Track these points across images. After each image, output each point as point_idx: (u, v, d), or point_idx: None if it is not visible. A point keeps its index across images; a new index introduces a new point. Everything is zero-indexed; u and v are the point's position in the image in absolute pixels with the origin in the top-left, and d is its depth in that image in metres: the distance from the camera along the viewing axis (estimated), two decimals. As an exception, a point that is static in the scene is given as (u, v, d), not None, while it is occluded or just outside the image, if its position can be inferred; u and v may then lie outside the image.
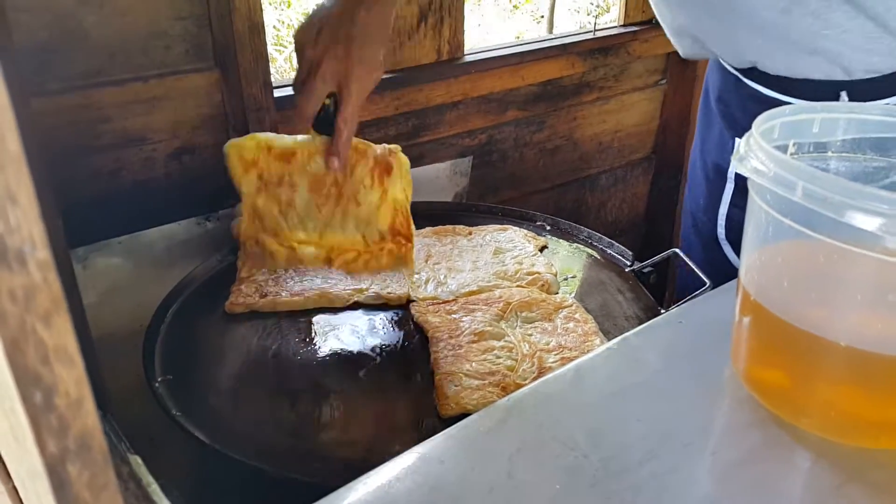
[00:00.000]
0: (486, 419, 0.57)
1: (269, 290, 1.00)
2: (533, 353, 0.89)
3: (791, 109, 0.58)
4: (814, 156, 0.61)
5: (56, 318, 0.22)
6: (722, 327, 0.63)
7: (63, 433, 0.23)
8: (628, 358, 0.63)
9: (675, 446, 0.53)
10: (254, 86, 1.16)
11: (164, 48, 1.11)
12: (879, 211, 0.45)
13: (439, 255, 1.12)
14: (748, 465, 0.53)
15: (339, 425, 0.80)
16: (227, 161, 0.88)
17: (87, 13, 1.03)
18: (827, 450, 0.54)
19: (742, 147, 0.53)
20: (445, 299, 1.02)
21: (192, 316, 0.99)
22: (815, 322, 0.52)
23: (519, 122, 1.66)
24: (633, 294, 1.04)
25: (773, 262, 0.55)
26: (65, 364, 0.23)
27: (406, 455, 0.54)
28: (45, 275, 0.21)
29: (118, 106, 1.09)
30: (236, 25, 1.11)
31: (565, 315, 0.97)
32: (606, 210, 1.99)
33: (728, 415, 0.58)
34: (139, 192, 1.16)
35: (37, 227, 0.21)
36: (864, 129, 0.61)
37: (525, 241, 1.16)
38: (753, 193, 0.54)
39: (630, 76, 1.82)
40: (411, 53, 1.39)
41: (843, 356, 0.52)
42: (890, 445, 0.55)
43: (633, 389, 0.59)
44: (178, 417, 0.79)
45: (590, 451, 0.53)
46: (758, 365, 0.58)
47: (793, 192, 0.47)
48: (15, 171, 0.20)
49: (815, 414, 0.55)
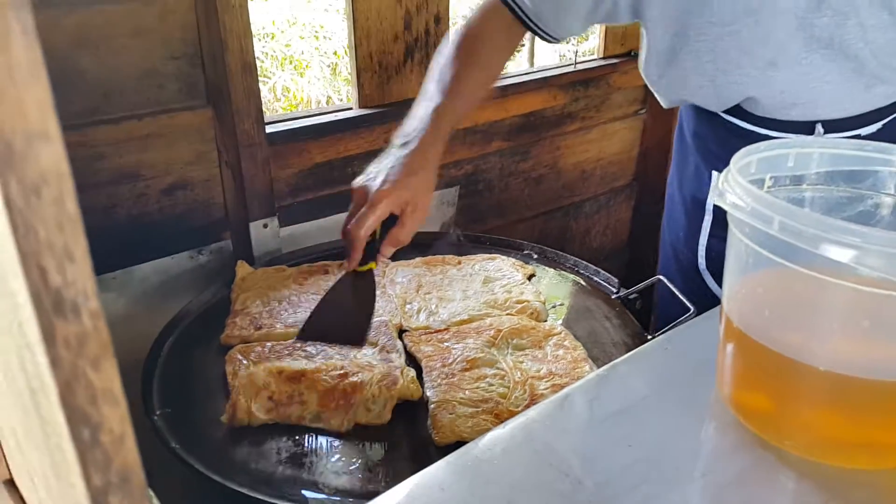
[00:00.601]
0: (484, 446, 0.59)
1: (263, 322, 1.02)
2: (524, 380, 0.91)
3: (766, 145, 0.62)
4: (790, 188, 0.64)
5: (104, 362, 0.24)
6: (707, 353, 0.66)
7: (107, 467, 0.25)
8: (617, 384, 0.66)
9: (666, 470, 0.56)
10: (246, 122, 1.19)
11: (158, 87, 1.13)
12: (852, 243, 0.48)
13: (430, 284, 1.14)
14: (736, 487, 0.56)
15: (336, 454, 0.81)
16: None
17: (82, 55, 1.05)
18: (810, 470, 0.57)
19: (721, 182, 0.56)
20: (437, 328, 1.04)
21: (188, 349, 1.00)
22: (795, 348, 0.55)
23: (504, 153, 1.70)
24: (620, 320, 1.07)
25: (753, 292, 0.57)
26: (110, 404, 0.25)
27: (406, 483, 0.56)
28: (96, 323, 0.23)
29: (113, 144, 1.11)
30: (229, 64, 1.14)
31: (555, 342, 1.00)
32: (591, 236, 2.03)
33: (715, 438, 0.60)
34: (133, 227, 1.17)
35: (90, 282, 0.23)
36: (836, 162, 0.64)
37: (513, 269, 1.19)
38: (733, 226, 0.57)
39: (611, 106, 1.87)
40: (399, 88, 1.42)
41: (822, 380, 0.54)
42: (869, 465, 0.58)
43: (624, 415, 0.61)
44: (176, 450, 0.80)
45: (584, 476, 0.55)
46: (742, 390, 0.60)
47: (770, 226, 0.50)
48: (72, 231, 0.22)
49: (798, 436, 0.58)
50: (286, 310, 1.05)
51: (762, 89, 0.94)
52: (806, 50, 0.89)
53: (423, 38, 1.42)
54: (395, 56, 1.40)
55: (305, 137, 1.30)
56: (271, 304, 1.06)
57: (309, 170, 1.34)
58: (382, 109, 1.40)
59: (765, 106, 0.97)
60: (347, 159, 1.39)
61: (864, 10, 0.85)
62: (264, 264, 1.20)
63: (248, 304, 1.06)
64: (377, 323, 1.02)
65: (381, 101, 1.41)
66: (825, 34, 0.87)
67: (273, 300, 1.07)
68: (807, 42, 0.88)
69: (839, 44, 0.88)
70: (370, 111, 1.38)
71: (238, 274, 1.13)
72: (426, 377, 0.92)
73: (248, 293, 1.08)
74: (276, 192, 1.29)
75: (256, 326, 1.01)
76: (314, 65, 4.10)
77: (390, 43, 1.38)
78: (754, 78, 0.93)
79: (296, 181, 1.34)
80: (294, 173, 1.33)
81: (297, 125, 1.29)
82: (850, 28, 0.86)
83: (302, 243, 1.30)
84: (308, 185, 1.35)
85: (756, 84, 0.94)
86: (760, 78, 0.93)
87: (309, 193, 1.36)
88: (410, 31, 1.40)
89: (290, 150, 1.29)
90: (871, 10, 0.85)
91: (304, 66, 4.11)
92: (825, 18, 0.86)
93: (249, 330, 1.00)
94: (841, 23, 0.86)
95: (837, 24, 0.86)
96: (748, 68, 0.92)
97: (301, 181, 1.34)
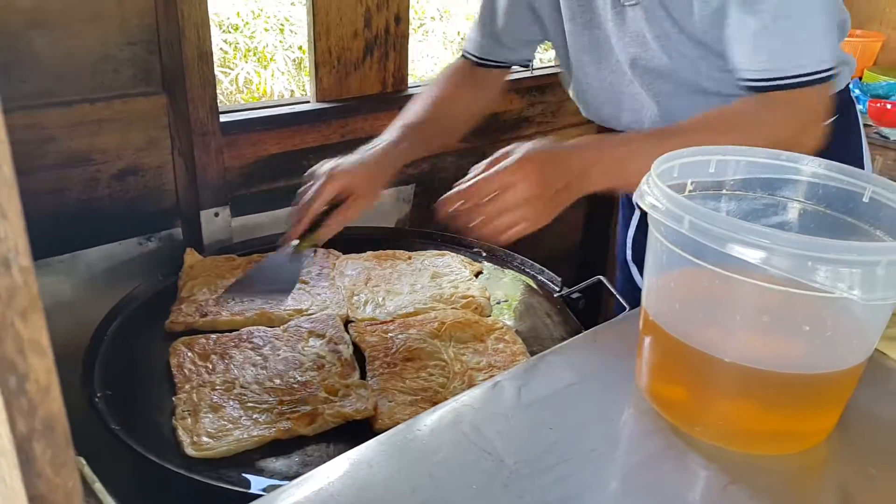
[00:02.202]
0: (414, 427, 0.62)
1: (209, 309, 1.03)
2: (464, 371, 0.95)
3: (689, 151, 0.66)
4: (710, 194, 0.69)
5: (32, 314, 0.26)
6: (631, 346, 0.70)
7: (32, 415, 0.27)
8: (545, 372, 0.69)
9: (583, 451, 0.59)
10: (201, 110, 1.19)
11: (113, 72, 1.14)
12: (760, 244, 0.52)
13: (378, 278, 1.17)
14: (647, 468, 0.59)
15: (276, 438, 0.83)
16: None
17: (37, 35, 1.05)
18: (717, 455, 0.61)
19: (643, 184, 0.60)
20: (383, 320, 1.06)
21: (132, 334, 1.01)
22: (703, 341, 0.59)
23: (460, 154, 1.73)
24: (561, 318, 1.11)
25: (667, 287, 0.61)
26: (37, 354, 0.27)
27: (337, 460, 0.58)
28: (26, 278, 0.26)
29: (65, 127, 1.11)
30: (185, 52, 1.15)
31: (496, 336, 1.03)
32: (543, 238, 2.06)
33: (630, 424, 0.64)
34: (82, 211, 1.17)
35: (21, 239, 0.25)
36: (753, 169, 0.69)
37: (461, 266, 1.22)
38: (651, 226, 0.60)
39: (566, 113, 1.92)
40: (357, 84, 1.45)
41: (728, 372, 0.59)
42: (771, 451, 0.62)
43: (548, 401, 0.65)
44: (116, 431, 0.81)
45: (505, 455, 0.58)
46: (657, 380, 0.64)
47: (681, 225, 0.53)
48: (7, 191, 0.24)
49: (707, 423, 0.62)
50: (233, 298, 1.06)
51: (634, 106, 1.02)
52: (634, 72, 0.97)
53: (382, 36, 1.45)
54: (354, 52, 1.42)
55: (261, 128, 1.31)
56: (218, 292, 1.07)
57: (264, 161, 1.36)
58: (340, 104, 1.42)
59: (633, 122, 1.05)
60: (303, 152, 1.41)
61: (650, 38, 0.92)
62: (214, 253, 1.21)
63: (195, 292, 1.07)
64: (324, 316, 1.04)
65: (338, 95, 1.43)
66: (662, 67, 0.95)
67: (220, 288, 1.08)
68: (632, 64, 0.96)
69: (677, 78, 0.95)
70: (327, 105, 1.40)
71: (186, 262, 1.14)
72: (369, 367, 0.95)
73: (195, 281, 1.09)
74: (230, 181, 1.30)
75: (202, 314, 1.02)
76: (278, 58, 4.08)
77: (349, 39, 1.40)
78: (626, 95, 1.01)
79: (250, 171, 1.35)
80: (248, 164, 1.34)
81: (252, 115, 1.31)
82: (652, 53, 0.93)
83: (255, 234, 1.32)
84: (262, 176, 1.37)
85: (629, 100, 1.02)
86: (630, 98, 1.01)
87: (263, 184, 1.37)
88: (370, 28, 1.43)
89: (244, 141, 1.30)
90: (656, 39, 0.92)
91: (268, 59, 4.09)
92: (632, 49, 0.94)
93: (195, 317, 1.01)
94: (669, 61, 0.93)
95: (638, 48, 0.94)
96: (619, 84, 1.01)
97: (255, 172, 1.36)
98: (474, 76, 1.15)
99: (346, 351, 0.96)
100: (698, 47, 0.90)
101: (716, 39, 0.87)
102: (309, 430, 0.83)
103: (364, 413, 0.85)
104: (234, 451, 0.80)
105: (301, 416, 0.84)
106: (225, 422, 0.83)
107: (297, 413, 0.84)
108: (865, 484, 0.58)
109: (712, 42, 0.88)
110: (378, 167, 0.97)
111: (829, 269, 0.50)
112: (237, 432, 0.82)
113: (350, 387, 0.89)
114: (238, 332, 0.99)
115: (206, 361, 0.93)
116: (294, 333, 1.00)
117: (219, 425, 0.83)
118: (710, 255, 0.54)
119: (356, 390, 0.88)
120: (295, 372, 0.92)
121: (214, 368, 0.92)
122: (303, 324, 1.02)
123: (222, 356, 0.94)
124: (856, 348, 0.59)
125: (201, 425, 0.83)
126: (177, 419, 0.84)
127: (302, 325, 1.01)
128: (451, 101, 1.11)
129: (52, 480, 0.28)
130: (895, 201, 0.62)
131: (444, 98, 1.10)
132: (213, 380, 0.90)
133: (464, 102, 1.14)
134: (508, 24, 1.10)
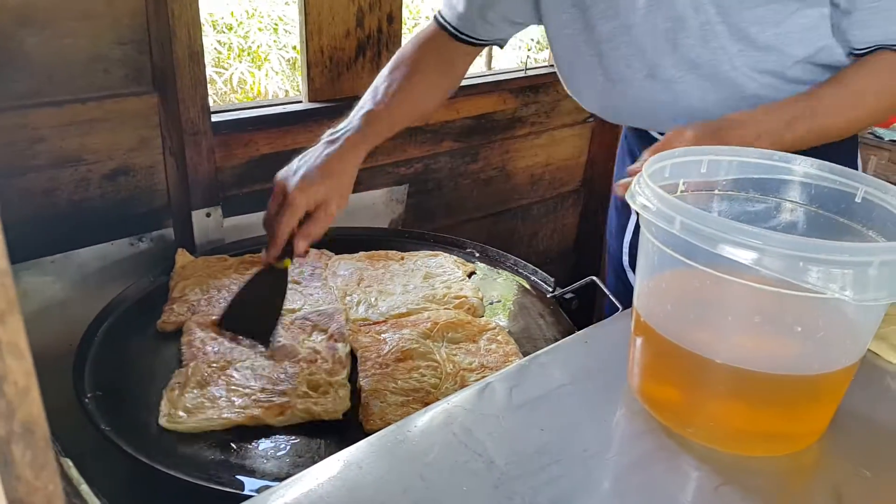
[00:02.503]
0: (404, 428, 0.61)
1: (201, 309, 1.03)
2: (456, 372, 0.94)
3: (680, 152, 0.66)
4: (702, 194, 0.69)
5: (10, 317, 0.26)
6: (623, 347, 0.69)
7: (10, 417, 0.27)
8: (537, 373, 0.69)
9: (574, 452, 0.59)
10: (192, 110, 1.19)
11: (104, 72, 1.13)
12: (752, 245, 0.51)
13: (371, 278, 1.16)
14: (639, 469, 0.59)
15: (263, 440, 0.83)
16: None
17: (27, 35, 1.04)
18: (709, 456, 0.61)
19: (634, 185, 0.59)
20: (376, 320, 1.06)
21: (123, 334, 1.00)
22: (695, 342, 0.58)
23: (454, 153, 1.73)
24: (554, 318, 1.11)
25: (658, 288, 0.61)
26: (15, 357, 0.26)
27: (328, 461, 0.58)
28: (2, 280, 0.25)
29: (55, 127, 1.11)
30: (176, 52, 1.14)
31: (489, 337, 1.03)
32: (538, 239, 2.07)
33: (622, 425, 0.64)
34: (73, 211, 1.17)
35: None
36: (745, 169, 0.69)
37: (454, 266, 1.22)
38: (643, 227, 0.60)
39: (560, 113, 1.92)
40: (349, 84, 1.44)
41: (720, 373, 0.58)
42: (764, 453, 0.62)
43: (539, 402, 0.65)
44: (106, 432, 0.80)
45: (496, 456, 0.58)
46: (648, 380, 0.64)
47: (672, 226, 0.53)
48: (-18, 191, 0.24)
49: (699, 425, 0.62)
50: (225, 298, 1.06)
51: (643, 101, 0.99)
52: (677, 69, 0.93)
53: (375, 35, 1.45)
54: (346, 52, 1.42)
55: (252, 128, 1.31)
56: (210, 293, 1.07)
57: (255, 161, 1.35)
58: (332, 104, 1.41)
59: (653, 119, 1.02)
60: (296, 152, 1.38)
61: (724, 36, 0.88)
62: (206, 253, 1.20)
63: (187, 292, 1.06)
64: (331, 310, 1.04)
65: (331, 95, 1.42)
66: (692, 54, 0.91)
67: (212, 288, 1.08)
68: (678, 62, 0.92)
69: (708, 65, 0.91)
70: (319, 105, 1.40)
71: (178, 262, 1.14)
72: (360, 367, 0.95)
73: (187, 281, 1.09)
74: (222, 181, 1.30)
75: (193, 313, 1.01)
76: (272, 58, 4.08)
77: (342, 38, 1.40)
78: (636, 88, 0.97)
79: (242, 171, 1.34)
80: (240, 163, 1.33)
81: (244, 115, 1.30)
82: (713, 51, 0.90)
83: (247, 234, 1.31)
84: (254, 176, 1.36)
85: (638, 95, 0.98)
86: (640, 89, 0.97)
87: (255, 184, 1.37)
88: (363, 27, 1.42)
89: (236, 141, 1.30)
90: (729, 37, 0.88)
91: (262, 59, 4.08)
92: (689, 40, 0.90)
93: (186, 316, 1.01)
94: (702, 45, 0.90)
95: (701, 45, 0.90)
96: (630, 79, 0.97)
97: (248, 172, 1.35)
98: (447, 52, 1.10)
99: (342, 349, 0.97)
100: (741, 41, 0.89)
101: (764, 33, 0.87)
102: (276, 421, 0.83)
103: (332, 415, 0.85)
104: (201, 429, 0.82)
105: (271, 406, 0.84)
106: (205, 399, 0.85)
107: (270, 402, 0.85)
108: (858, 485, 0.58)
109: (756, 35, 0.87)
110: (344, 174, 0.96)
111: (821, 270, 0.50)
112: (210, 411, 0.83)
113: (333, 385, 0.89)
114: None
115: (215, 342, 0.95)
116: (300, 326, 1.01)
117: (198, 402, 0.85)
118: (701, 256, 0.54)
119: (337, 390, 0.89)
120: (287, 363, 0.92)
121: (220, 349, 0.94)
122: (310, 316, 1.03)
123: (232, 339, 0.96)
124: (848, 349, 0.58)
125: (184, 399, 0.85)
126: (167, 390, 0.86)
127: (309, 318, 1.03)
128: (419, 87, 1.06)
129: (32, 484, 0.28)
130: (888, 201, 0.62)
131: (413, 83, 1.05)
132: (211, 359, 0.92)
133: (432, 88, 1.09)
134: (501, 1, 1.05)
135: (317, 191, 0.92)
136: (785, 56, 0.88)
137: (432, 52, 1.08)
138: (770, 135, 0.84)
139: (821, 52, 0.88)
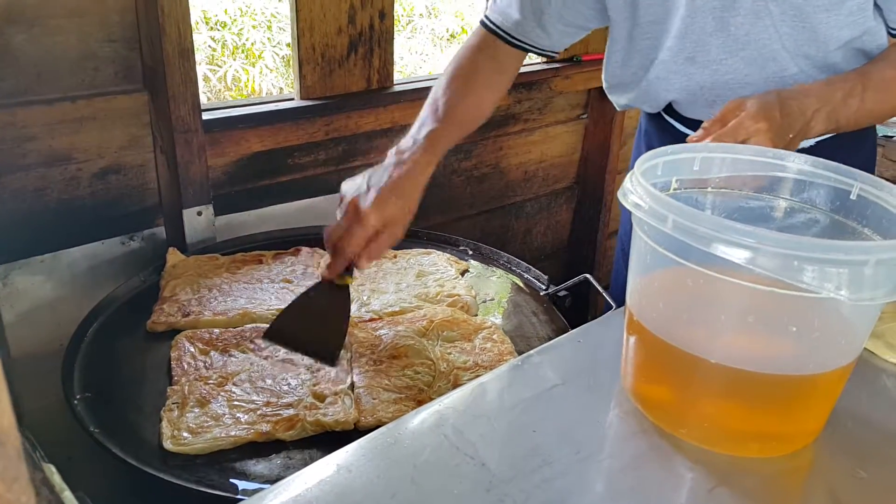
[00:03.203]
0: (395, 430, 0.60)
1: (192, 309, 1.02)
2: (450, 370, 0.94)
3: (673, 149, 0.65)
4: (695, 192, 0.68)
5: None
6: (617, 346, 0.69)
7: (-20, 429, 0.26)
8: (529, 374, 0.68)
9: (567, 453, 0.58)
10: (182, 108, 1.18)
11: (94, 69, 1.12)
12: (745, 244, 0.51)
13: (363, 276, 1.16)
14: (632, 470, 0.58)
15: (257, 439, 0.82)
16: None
17: (15, 32, 1.03)
18: (702, 457, 0.60)
19: (626, 183, 0.59)
20: (368, 318, 1.05)
21: (113, 334, 0.99)
22: (688, 341, 0.58)
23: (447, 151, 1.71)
24: (547, 316, 1.10)
25: (651, 286, 0.61)
26: (-15, 367, 0.25)
27: (318, 464, 0.57)
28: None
29: (45, 125, 1.09)
30: (166, 49, 1.13)
31: (484, 336, 1.02)
32: (532, 236, 2.07)
33: (615, 426, 0.63)
34: (63, 210, 1.15)
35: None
36: (738, 167, 0.68)
37: (447, 264, 1.21)
38: (635, 225, 0.60)
39: (553, 110, 1.91)
40: (341, 81, 1.43)
41: (713, 372, 0.58)
42: (757, 453, 0.61)
43: (532, 403, 0.64)
44: (95, 433, 0.79)
45: (487, 458, 0.57)
46: (641, 380, 0.63)
47: (664, 224, 0.53)
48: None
49: (692, 425, 0.61)
50: (216, 298, 1.05)
51: (684, 88, 0.99)
52: (725, 51, 0.94)
53: (367, 32, 1.43)
54: (338, 49, 1.41)
55: (244, 126, 1.30)
56: (201, 292, 1.06)
57: (247, 159, 1.34)
58: (324, 101, 1.40)
59: (690, 105, 1.01)
60: (287, 150, 1.39)
61: (776, 12, 0.89)
62: (198, 252, 1.19)
63: (178, 292, 1.05)
64: None
65: (323, 93, 1.41)
66: (741, 33, 0.92)
67: (203, 288, 1.07)
68: (725, 42, 0.93)
69: (756, 44, 0.92)
70: (312, 102, 1.39)
71: (169, 261, 1.13)
72: (355, 363, 0.94)
73: (178, 280, 1.08)
74: (213, 179, 1.29)
75: (184, 313, 1.01)
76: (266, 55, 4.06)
77: (333, 36, 1.38)
78: (675, 73, 0.97)
79: (234, 170, 1.33)
80: (232, 161, 1.32)
81: (235, 113, 1.29)
82: (764, 28, 0.91)
83: (239, 232, 1.30)
84: (246, 175, 1.35)
85: (678, 80, 0.98)
86: (681, 73, 0.98)
87: (247, 183, 1.36)
88: (354, 25, 1.41)
89: (227, 138, 1.28)
90: (782, 14, 0.89)
91: (256, 56, 4.06)
92: (739, 17, 0.91)
93: (177, 317, 1.00)
94: (754, 22, 0.91)
95: (752, 23, 0.91)
96: (669, 63, 0.98)
97: (239, 170, 1.34)
98: (498, 58, 1.09)
99: (343, 355, 0.95)
100: (793, 19, 0.90)
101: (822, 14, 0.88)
102: (287, 435, 0.81)
103: (343, 425, 0.83)
104: (210, 449, 0.79)
105: (281, 420, 0.82)
106: (207, 418, 0.82)
107: (278, 416, 0.83)
108: (854, 486, 0.58)
109: (810, 14, 0.88)
110: (412, 196, 0.94)
111: (816, 269, 0.50)
112: (217, 430, 0.81)
113: (338, 394, 0.87)
114: (241, 328, 0.99)
115: (205, 356, 0.93)
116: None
117: (201, 421, 0.82)
118: (694, 255, 0.53)
119: (343, 398, 0.87)
120: (288, 374, 0.90)
121: (213, 364, 0.91)
122: None
123: (223, 352, 0.94)
124: (844, 349, 0.58)
125: (185, 419, 0.82)
126: (164, 410, 0.83)
127: None
128: (472, 102, 1.06)
129: (3, 496, 0.27)
130: (883, 198, 0.61)
131: (468, 100, 1.05)
132: (207, 375, 0.89)
133: (484, 99, 1.08)
134: (566, 6, 1.04)
135: (390, 211, 0.91)
136: (831, 39, 0.90)
137: (488, 59, 1.08)
138: (828, 109, 0.85)
139: (864, 36, 0.91)
